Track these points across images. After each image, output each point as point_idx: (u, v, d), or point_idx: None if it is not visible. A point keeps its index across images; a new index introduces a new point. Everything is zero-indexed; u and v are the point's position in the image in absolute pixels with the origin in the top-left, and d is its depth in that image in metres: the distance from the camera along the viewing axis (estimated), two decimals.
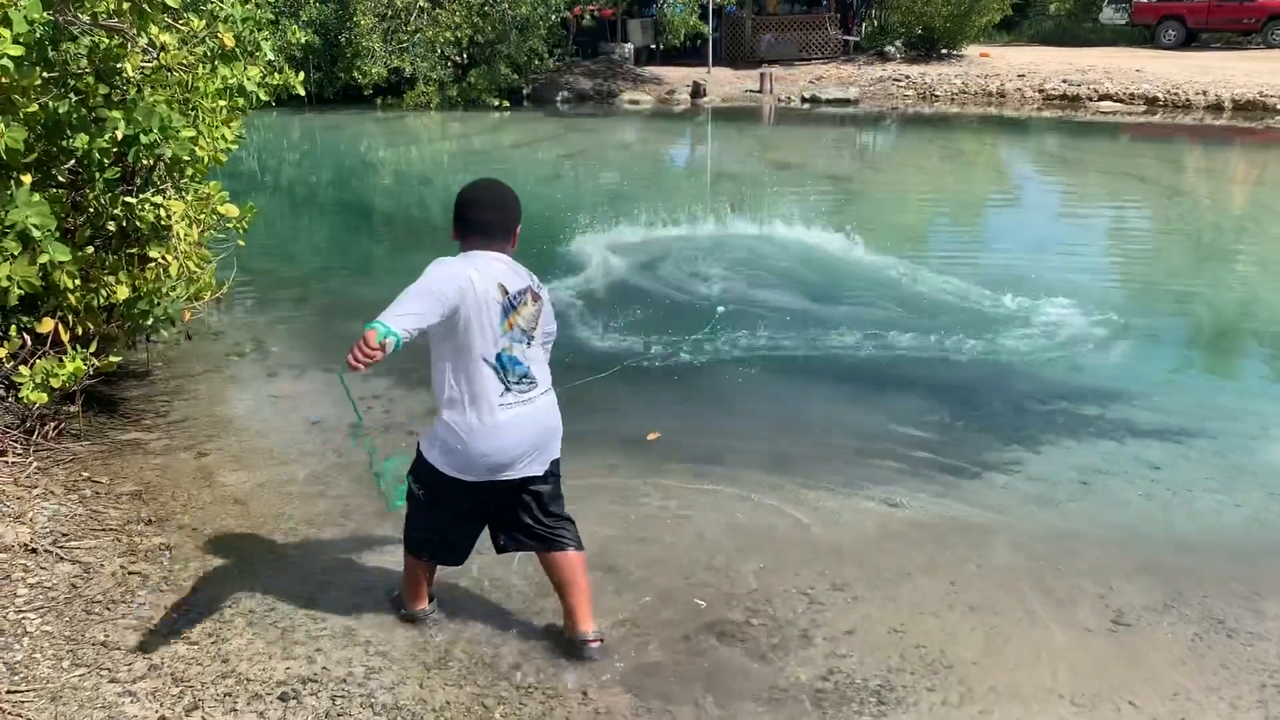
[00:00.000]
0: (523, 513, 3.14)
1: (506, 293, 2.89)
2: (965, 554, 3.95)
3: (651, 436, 4.98)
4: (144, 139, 4.15)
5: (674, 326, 6.72)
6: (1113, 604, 3.60)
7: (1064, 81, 22.24)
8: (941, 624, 3.48)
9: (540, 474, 3.08)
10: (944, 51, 25.96)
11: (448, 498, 3.04)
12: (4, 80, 3.81)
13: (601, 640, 3.23)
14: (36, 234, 3.72)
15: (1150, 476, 4.67)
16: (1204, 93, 20.44)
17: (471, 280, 2.81)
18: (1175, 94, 20.68)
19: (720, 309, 7.17)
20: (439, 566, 3.35)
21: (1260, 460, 4.86)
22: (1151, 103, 20.76)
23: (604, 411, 5.29)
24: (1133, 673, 3.22)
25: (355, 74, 20.74)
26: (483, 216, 2.98)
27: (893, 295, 7.66)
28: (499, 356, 2.90)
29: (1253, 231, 10.63)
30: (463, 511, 3.11)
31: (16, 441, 4.41)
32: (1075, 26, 32.72)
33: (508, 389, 2.92)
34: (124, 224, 4.71)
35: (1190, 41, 27.57)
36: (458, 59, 21.89)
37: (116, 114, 4.14)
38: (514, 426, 2.93)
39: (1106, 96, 21.35)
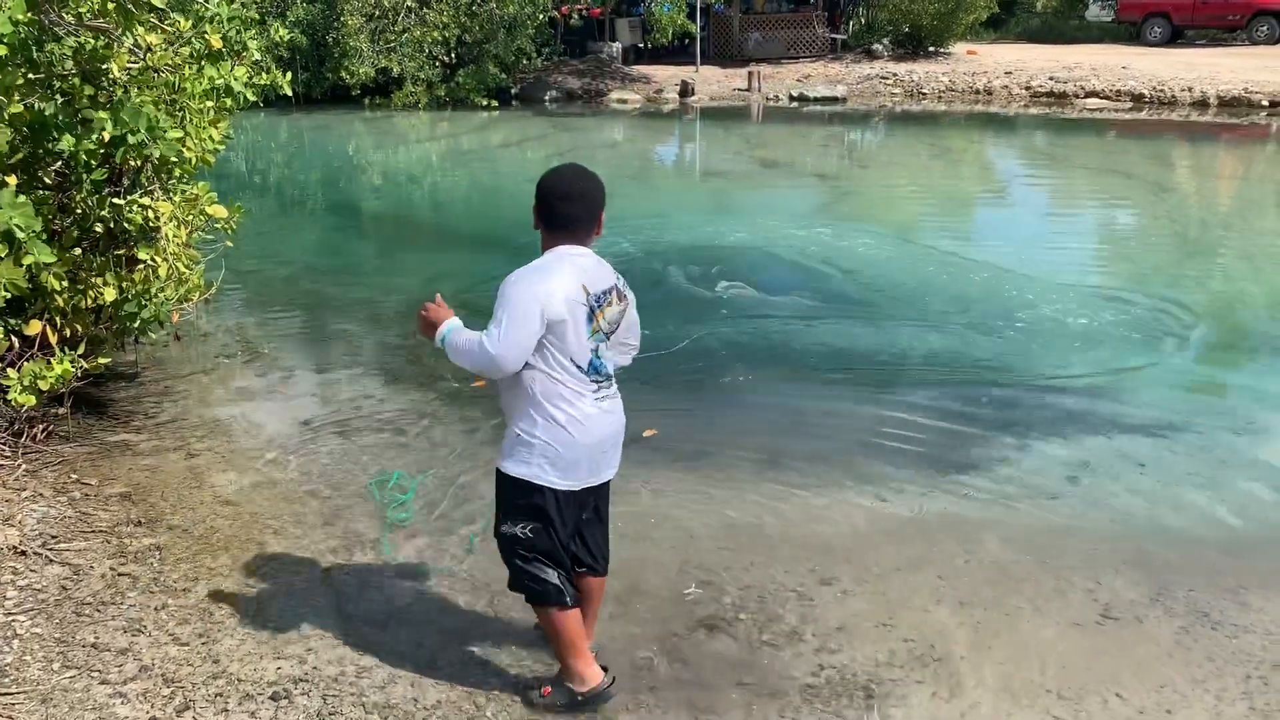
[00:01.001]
0: (586, 536, 3.05)
1: (589, 293, 2.81)
2: (954, 549, 3.98)
3: (647, 433, 4.99)
4: (131, 140, 4.13)
5: (667, 324, 6.73)
6: (1100, 598, 3.63)
7: (1051, 79, 22.30)
8: (930, 619, 3.50)
9: (609, 478, 3.02)
10: (931, 49, 26.00)
11: (551, 511, 2.89)
12: None
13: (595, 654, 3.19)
14: (20, 235, 3.70)
15: (1137, 471, 4.70)
16: (1190, 89, 20.52)
17: (551, 293, 2.72)
18: (1161, 91, 20.76)
19: (723, 311, 7.19)
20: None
21: (1245, 455, 4.90)
22: (1138, 99, 20.83)
23: None
24: (1120, 666, 3.25)
25: (343, 74, 20.63)
26: (568, 210, 2.83)
27: (881, 292, 7.69)
28: (589, 357, 2.84)
29: (1238, 227, 10.69)
30: (562, 526, 2.93)
31: (5, 444, 4.39)
32: (1062, 24, 32.85)
33: (597, 385, 2.87)
34: (112, 225, 4.70)
35: (1176, 38, 27.70)
36: (445, 59, 21.79)
37: (103, 115, 4.12)
38: (604, 418, 2.88)
39: (1093, 94, 21.41)
